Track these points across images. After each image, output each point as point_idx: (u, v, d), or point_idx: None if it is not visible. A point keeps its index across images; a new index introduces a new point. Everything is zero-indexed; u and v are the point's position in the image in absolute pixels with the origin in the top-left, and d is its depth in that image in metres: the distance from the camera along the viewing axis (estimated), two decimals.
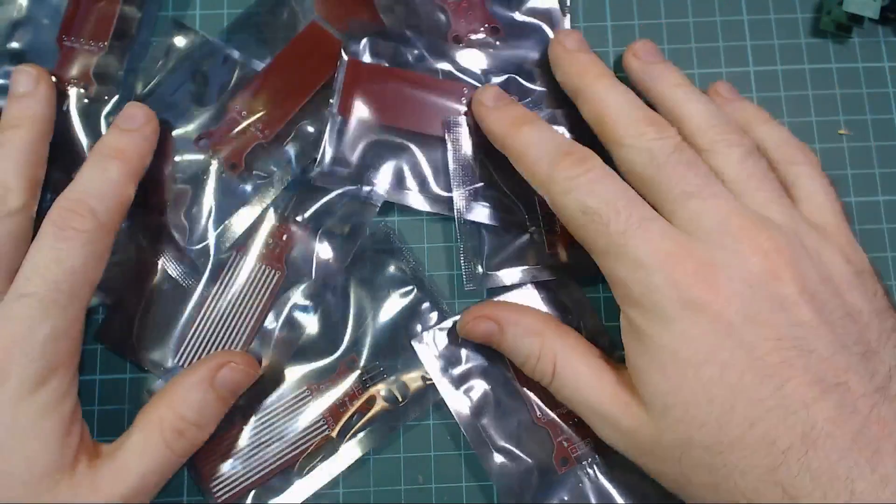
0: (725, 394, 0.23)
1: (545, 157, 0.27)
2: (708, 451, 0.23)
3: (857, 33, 0.35)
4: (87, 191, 0.28)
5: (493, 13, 0.34)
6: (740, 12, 0.35)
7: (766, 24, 0.35)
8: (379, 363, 0.31)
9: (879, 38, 0.35)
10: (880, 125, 0.34)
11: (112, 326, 0.31)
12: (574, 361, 0.27)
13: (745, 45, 0.35)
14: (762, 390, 0.22)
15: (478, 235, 0.32)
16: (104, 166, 0.28)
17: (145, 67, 0.33)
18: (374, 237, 0.32)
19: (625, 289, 0.25)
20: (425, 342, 0.31)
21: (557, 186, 0.26)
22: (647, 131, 0.27)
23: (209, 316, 0.31)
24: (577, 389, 0.27)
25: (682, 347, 0.23)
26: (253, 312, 0.31)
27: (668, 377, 0.24)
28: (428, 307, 0.31)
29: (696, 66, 0.34)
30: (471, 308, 0.30)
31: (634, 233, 0.25)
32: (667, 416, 0.24)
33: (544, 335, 0.28)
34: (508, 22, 0.34)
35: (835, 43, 0.35)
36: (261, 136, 0.32)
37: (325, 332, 0.31)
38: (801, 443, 0.22)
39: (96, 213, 0.27)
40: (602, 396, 0.26)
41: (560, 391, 0.27)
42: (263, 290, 0.31)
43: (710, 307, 0.23)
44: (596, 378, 0.27)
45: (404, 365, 0.31)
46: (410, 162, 0.32)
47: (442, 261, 0.33)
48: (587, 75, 0.30)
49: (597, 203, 0.25)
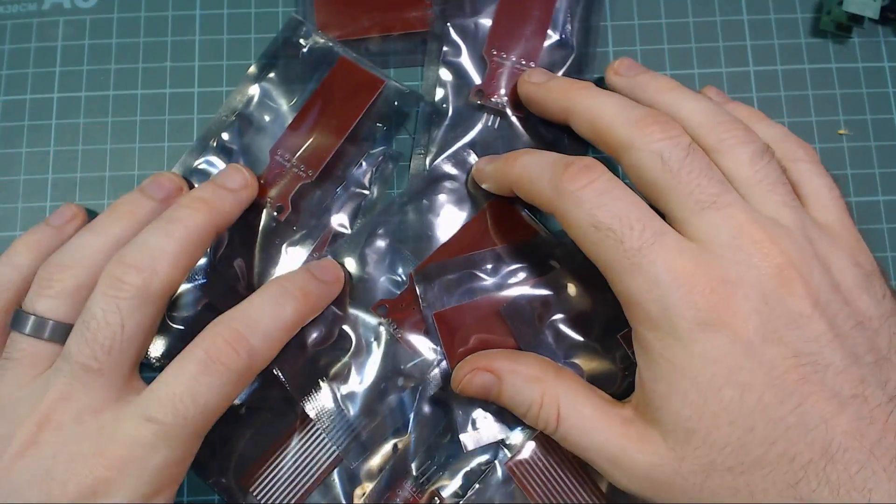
0: (746, 415, 0.22)
1: (546, 172, 0.26)
2: (730, 472, 0.23)
3: (857, 33, 0.35)
4: (253, 325, 0.26)
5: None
6: (740, 12, 0.35)
7: (766, 24, 0.35)
8: (431, 462, 0.30)
9: (879, 38, 0.35)
10: (880, 125, 0.34)
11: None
12: (578, 404, 0.26)
13: (745, 45, 0.35)
14: (782, 409, 0.22)
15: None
16: (283, 303, 0.27)
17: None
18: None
19: (640, 309, 0.24)
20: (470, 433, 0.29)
21: (565, 201, 0.25)
22: (651, 130, 0.26)
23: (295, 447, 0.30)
24: (585, 433, 0.26)
25: (702, 370, 0.23)
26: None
27: (689, 402, 0.23)
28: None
29: (696, 66, 0.34)
30: (462, 362, 0.28)
31: (650, 249, 0.24)
32: (689, 441, 0.23)
33: (545, 380, 0.27)
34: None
35: (835, 43, 0.35)
36: (304, 177, 0.32)
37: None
38: (820, 457, 0.22)
39: (253, 353, 0.26)
40: (612, 435, 0.25)
41: (566, 438, 0.26)
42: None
43: (728, 327, 0.23)
44: (603, 417, 0.26)
45: (455, 454, 0.30)
46: None
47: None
48: (571, 91, 0.29)
49: (609, 218, 0.24)
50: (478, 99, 0.33)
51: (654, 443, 0.24)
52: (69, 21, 0.35)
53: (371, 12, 0.34)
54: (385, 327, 0.30)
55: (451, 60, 0.33)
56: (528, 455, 0.29)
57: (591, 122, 0.28)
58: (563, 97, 0.29)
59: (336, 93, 0.33)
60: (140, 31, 0.35)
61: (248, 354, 0.25)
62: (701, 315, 0.23)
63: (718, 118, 0.27)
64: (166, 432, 0.24)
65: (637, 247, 0.24)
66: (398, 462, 0.30)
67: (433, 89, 0.33)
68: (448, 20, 0.34)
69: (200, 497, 0.30)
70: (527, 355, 0.29)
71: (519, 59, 0.33)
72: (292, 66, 0.33)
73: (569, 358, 0.30)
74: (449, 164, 0.32)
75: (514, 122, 0.33)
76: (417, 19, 0.34)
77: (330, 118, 0.32)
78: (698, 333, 0.23)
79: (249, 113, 0.33)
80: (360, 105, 0.32)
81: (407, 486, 0.30)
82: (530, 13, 0.33)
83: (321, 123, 0.32)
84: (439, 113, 0.33)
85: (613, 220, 0.24)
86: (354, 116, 0.32)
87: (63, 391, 0.25)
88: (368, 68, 0.33)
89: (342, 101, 0.32)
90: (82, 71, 0.34)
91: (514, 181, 0.28)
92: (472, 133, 0.33)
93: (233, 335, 0.25)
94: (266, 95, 0.33)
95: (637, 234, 0.24)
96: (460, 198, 0.32)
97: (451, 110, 0.33)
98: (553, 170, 0.26)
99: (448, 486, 0.29)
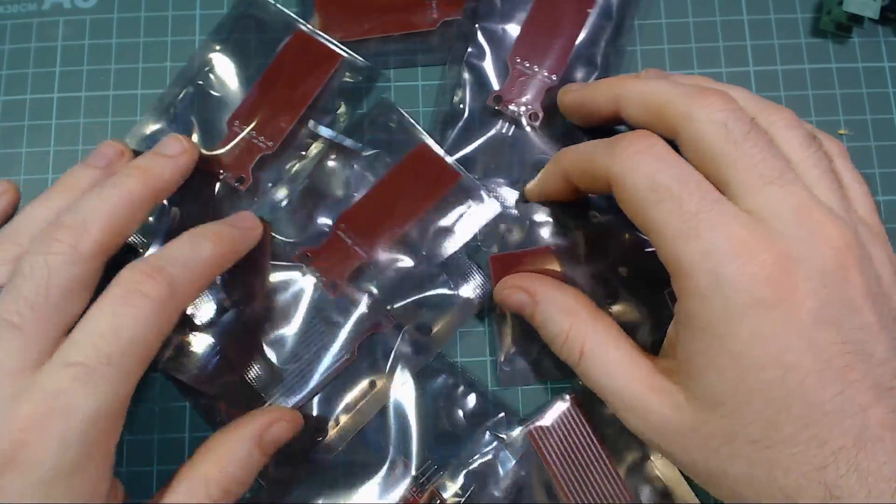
0: (784, 395, 0.22)
1: (600, 143, 0.26)
2: (753, 445, 0.22)
3: (857, 33, 0.35)
4: (171, 258, 0.25)
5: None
6: (740, 12, 0.35)
7: (766, 24, 0.35)
8: (431, 461, 0.30)
9: (879, 38, 0.35)
10: (880, 125, 0.34)
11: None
12: (605, 344, 0.26)
13: (745, 45, 0.35)
14: (823, 394, 0.22)
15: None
16: (198, 240, 0.27)
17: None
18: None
19: (690, 279, 0.23)
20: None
21: (622, 165, 0.25)
22: (712, 101, 0.25)
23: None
24: (606, 373, 0.26)
25: (748, 348, 0.22)
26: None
27: (725, 378, 0.23)
28: (464, 391, 0.31)
29: (696, 66, 0.34)
30: (508, 277, 0.30)
31: (708, 215, 0.23)
32: (715, 410, 0.23)
33: (576, 316, 0.27)
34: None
35: (835, 43, 0.35)
36: (264, 148, 0.32)
37: (369, 441, 0.30)
38: (853, 445, 0.21)
39: (174, 281, 0.25)
40: (632, 381, 0.25)
41: (587, 374, 0.27)
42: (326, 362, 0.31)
43: (783, 305, 0.22)
44: (626, 363, 0.26)
45: (455, 453, 0.30)
46: None
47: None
48: (620, 80, 0.28)
49: (668, 179, 0.24)
50: (495, 105, 0.33)
51: (676, 399, 0.24)
52: (69, 21, 0.35)
53: (372, 13, 0.34)
54: (309, 275, 0.31)
55: (474, 63, 0.33)
56: (550, 423, 0.30)
57: (644, 102, 0.27)
58: (611, 87, 0.28)
59: (294, 65, 0.33)
60: (140, 31, 0.35)
61: (168, 283, 0.24)
62: (757, 290, 0.22)
63: (764, 102, 0.27)
64: (89, 375, 0.22)
65: (695, 210, 0.23)
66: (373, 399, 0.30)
67: (453, 89, 0.33)
68: (477, 21, 0.34)
69: None
70: (567, 289, 0.29)
71: (542, 71, 0.33)
72: (248, 38, 0.34)
73: (610, 302, 0.30)
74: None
75: (528, 132, 0.33)
76: (418, 20, 0.34)
77: (289, 90, 0.33)
78: (751, 309, 0.22)
79: (205, 84, 0.33)
80: (318, 78, 0.33)
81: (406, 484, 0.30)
82: (561, 26, 0.33)
83: (280, 95, 0.33)
84: (455, 113, 0.33)
85: (673, 182, 0.23)
86: (313, 89, 0.33)
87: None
88: (325, 42, 0.33)
89: (300, 74, 0.33)
90: (82, 71, 0.34)
91: (565, 161, 0.29)
92: (484, 137, 0.33)
93: (150, 267, 0.25)
94: (222, 67, 0.33)
95: (697, 198, 0.23)
96: (387, 148, 0.32)
97: (466, 112, 0.33)
98: (607, 140, 0.26)
99: (448, 486, 0.29)
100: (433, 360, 0.31)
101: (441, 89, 0.34)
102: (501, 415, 0.30)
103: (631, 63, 0.34)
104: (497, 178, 0.32)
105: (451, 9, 0.34)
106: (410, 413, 0.30)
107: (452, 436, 0.30)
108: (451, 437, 0.30)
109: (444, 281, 0.31)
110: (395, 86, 0.34)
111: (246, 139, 0.32)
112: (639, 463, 0.30)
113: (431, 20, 0.34)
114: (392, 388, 0.30)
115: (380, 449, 0.30)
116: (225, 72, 0.33)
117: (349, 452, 0.30)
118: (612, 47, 0.34)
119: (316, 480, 0.30)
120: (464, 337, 0.32)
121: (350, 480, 0.30)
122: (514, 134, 0.33)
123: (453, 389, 0.31)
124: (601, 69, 0.33)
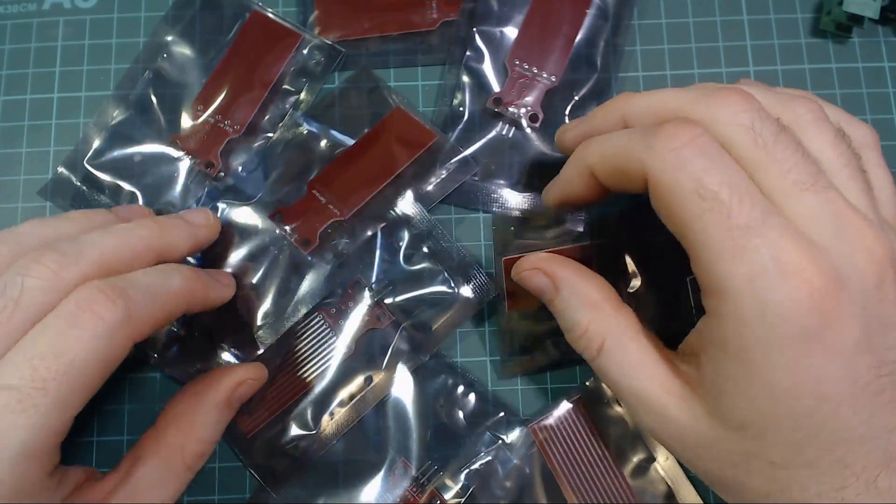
0: (814, 424, 0.21)
1: (634, 134, 0.23)
2: (773, 465, 0.21)
3: (857, 33, 0.35)
4: (134, 282, 0.23)
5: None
6: (740, 12, 0.35)
7: (766, 24, 0.35)
8: (431, 461, 0.30)
9: (879, 38, 0.35)
10: (880, 125, 0.34)
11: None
12: (626, 343, 0.25)
13: (745, 45, 0.35)
14: (853, 420, 0.21)
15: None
16: (170, 274, 0.25)
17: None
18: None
19: (731, 302, 0.21)
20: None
21: (664, 161, 0.21)
22: (733, 102, 0.22)
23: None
24: (624, 373, 0.24)
25: (784, 378, 0.20)
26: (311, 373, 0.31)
27: (754, 405, 0.21)
28: (464, 391, 0.31)
29: (696, 66, 0.34)
30: (532, 255, 0.28)
31: (759, 231, 0.20)
32: (737, 432, 0.21)
33: (599, 310, 0.25)
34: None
35: (835, 43, 0.35)
36: (231, 132, 0.32)
37: (369, 440, 0.30)
38: (875, 466, 0.21)
39: (133, 307, 0.22)
40: (651, 385, 0.24)
41: (603, 371, 0.25)
42: (326, 355, 0.31)
43: (827, 334, 0.20)
44: (648, 364, 0.24)
45: (455, 453, 0.30)
46: None
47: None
48: (618, 103, 0.26)
49: (717, 184, 0.21)
50: (495, 107, 0.33)
51: (695, 410, 0.23)
52: (69, 21, 0.35)
53: (371, 13, 0.34)
54: (281, 233, 0.31)
55: (473, 65, 0.33)
56: (555, 422, 0.30)
57: (657, 114, 0.24)
58: (614, 109, 0.26)
59: (253, 47, 0.33)
60: (140, 31, 0.35)
61: (126, 307, 0.22)
62: (804, 320, 0.20)
63: (783, 94, 0.24)
64: (22, 401, 0.20)
65: (745, 224, 0.20)
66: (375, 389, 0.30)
67: (453, 91, 0.33)
68: (475, 25, 0.34)
69: (200, 497, 0.30)
70: (591, 278, 0.27)
71: (541, 72, 0.33)
72: (207, 19, 0.34)
73: (633, 290, 0.29)
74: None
75: (528, 134, 0.33)
76: (417, 20, 0.34)
77: (250, 72, 0.33)
78: (794, 340, 0.20)
79: (165, 67, 0.33)
80: (279, 58, 0.33)
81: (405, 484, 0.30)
82: (558, 28, 0.33)
83: (242, 77, 0.33)
84: (455, 115, 0.33)
85: (723, 187, 0.21)
86: (276, 70, 0.33)
87: None
88: (283, 22, 0.33)
89: (261, 55, 0.33)
90: (82, 71, 0.34)
91: (596, 155, 0.25)
92: (484, 139, 0.33)
93: (109, 287, 0.22)
94: (181, 49, 0.33)
95: (747, 209, 0.20)
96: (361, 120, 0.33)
97: (466, 114, 0.33)
98: (644, 129, 0.23)
99: (449, 486, 0.30)
100: (434, 360, 0.31)
101: (440, 91, 0.34)
102: (501, 415, 0.30)
103: (630, 63, 0.34)
104: (497, 180, 0.32)
105: (450, 8, 0.34)
106: (410, 413, 0.30)
107: (452, 436, 0.30)
108: (451, 438, 0.30)
109: (445, 279, 0.31)
110: (395, 86, 0.34)
111: (211, 124, 0.32)
112: (643, 464, 0.30)
113: (431, 20, 0.34)
114: (390, 387, 0.30)
115: (380, 449, 0.30)
116: (182, 56, 0.33)
117: (349, 452, 0.30)
118: (610, 47, 0.34)
119: (316, 480, 0.30)
120: (464, 337, 0.32)
121: (350, 480, 0.30)
122: (514, 135, 0.33)
123: (453, 390, 0.31)
124: (601, 69, 0.33)
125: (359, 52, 0.34)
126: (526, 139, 0.33)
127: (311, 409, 0.30)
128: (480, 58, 0.33)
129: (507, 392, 0.31)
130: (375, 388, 0.30)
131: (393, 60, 0.34)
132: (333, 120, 0.33)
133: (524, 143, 0.33)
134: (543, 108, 0.33)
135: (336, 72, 0.34)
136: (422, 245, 0.31)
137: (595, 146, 0.25)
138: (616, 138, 0.24)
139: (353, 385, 0.31)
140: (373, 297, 0.31)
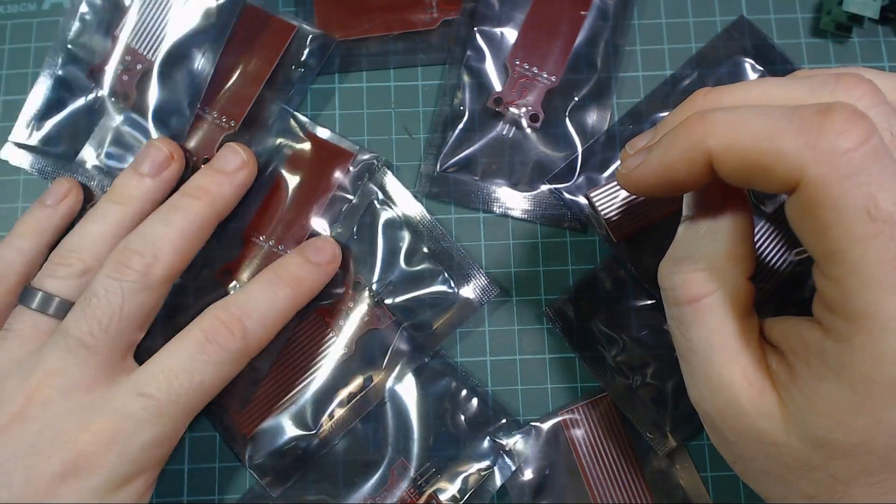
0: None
1: (785, 120, 0.18)
2: (834, 479, 0.20)
3: (857, 33, 0.35)
4: (249, 309, 0.27)
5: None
6: (740, 12, 0.35)
7: (766, 24, 0.35)
8: (430, 464, 0.30)
9: (879, 38, 0.35)
10: None
11: None
12: (725, 318, 0.21)
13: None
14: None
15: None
16: (276, 290, 0.28)
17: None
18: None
19: (872, 335, 0.18)
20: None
21: (832, 166, 0.17)
22: (860, 94, 0.19)
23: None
24: (708, 345, 0.21)
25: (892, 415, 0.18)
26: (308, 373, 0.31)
27: (851, 433, 0.19)
28: (466, 395, 0.31)
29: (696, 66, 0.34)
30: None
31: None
32: (815, 450, 0.20)
33: (718, 270, 0.21)
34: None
35: (835, 43, 0.35)
36: (227, 128, 0.32)
37: (369, 440, 0.31)
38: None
39: (248, 335, 0.26)
40: (732, 368, 0.21)
41: (684, 323, 0.22)
42: (325, 355, 0.31)
43: None
44: (737, 347, 0.21)
45: (454, 457, 0.30)
46: None
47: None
48: (697, 126, 0.20)
49: (892, 205, 0.17)
50: (495, 106, 0.33)
51: (770, 410, 0.20)
52: None
53: (371, 13, 0.34)
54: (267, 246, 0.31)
55: (473, 65, 0.33)
56: (580, 416, 0.30)
57: (745, 156, 0.19)
58: (690, 136, 0.20)
59: (248, 41, 0.33)
60: None
61: (243, 336, 0.26)
62: None
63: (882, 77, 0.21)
64: (158, 408, 0.25)
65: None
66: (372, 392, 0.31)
67: (453, 91, 0.33)
68: (475, 24, 0.34)
69: (200, 497, 0.30)
70: (748, 213, 0.22)
71: (541, 72, 0.33)
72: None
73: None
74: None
75: (529, 134, 0.33)
76: (417, 20, 0.34)
77: (245, 67, 0.33)
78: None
79: (161, 66, 0.33)
80: (274, 52, 0.33)
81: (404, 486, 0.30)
82: (558, 28, 0.33)
83: (236, 73, 0.33)
84: (456, 115, 0.33)
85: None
86: (270, 63, 0.33)
87: (55, 365, 0.25)
88: (277, 14, 0.33)
89: (255, 49, 0.33)
90: None
91: (722, 138, 0.19)
92: (485, 139, 0.33)
93: (229, 317, 0.26)
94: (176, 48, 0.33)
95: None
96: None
97: (467, 114, 0.33)
98: (802, 117, 0.18)
99: (446, 489, 0.30)
100: (436, 361, 0.31)
101: (441, 91, 0.34)
102: (502, 421, 0.30)
103: (630, 63, 0.34)
104: (497, 180, 0.32)
105: (450, 8, 0.34)
106: (411, 414, 0.30)
107: (452, 439, 0.30)
108: (451, 441, 0.30)
109: (445, 279, 0.31)
110: (395, 86, 0.34)
111: (208, 121, 0.32)
112: (664, 470, 0.30)
113: (431, 19, 0.34)
114: (390, 387, 0.30)
115: (380, 449, 0.30)
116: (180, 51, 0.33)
117: (349, 452, 0.30)
118: (610, 47, 0.34)
119: (316, 480, 0.30)
120: (464, 337, 0.32)
121: (350, 480, 0.30)
122: (515, 135, 0.33)
123: (456, 393, 0.31)
124: (601, 69, 0.33)
125: (359, 52, 0.34)
126: (526, 139, 0.33)
127: (310, 408, 0.30)
128: (481, 57, 0.33)
129: (508, 392, 0.31)
130: (375, 389, 0.30)
131: (393, 60, 0.34)
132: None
133: (524, 143, 0.33)
134: (544, 108, 0.33)
135: (336, 73, 0.34)
136: (422, 245, 0.31)
137: (723, 126, 0.19)
138: (754, 120, 0.19)
139: (352, 385, 0.31)
140: (373, 298, 0.31)
